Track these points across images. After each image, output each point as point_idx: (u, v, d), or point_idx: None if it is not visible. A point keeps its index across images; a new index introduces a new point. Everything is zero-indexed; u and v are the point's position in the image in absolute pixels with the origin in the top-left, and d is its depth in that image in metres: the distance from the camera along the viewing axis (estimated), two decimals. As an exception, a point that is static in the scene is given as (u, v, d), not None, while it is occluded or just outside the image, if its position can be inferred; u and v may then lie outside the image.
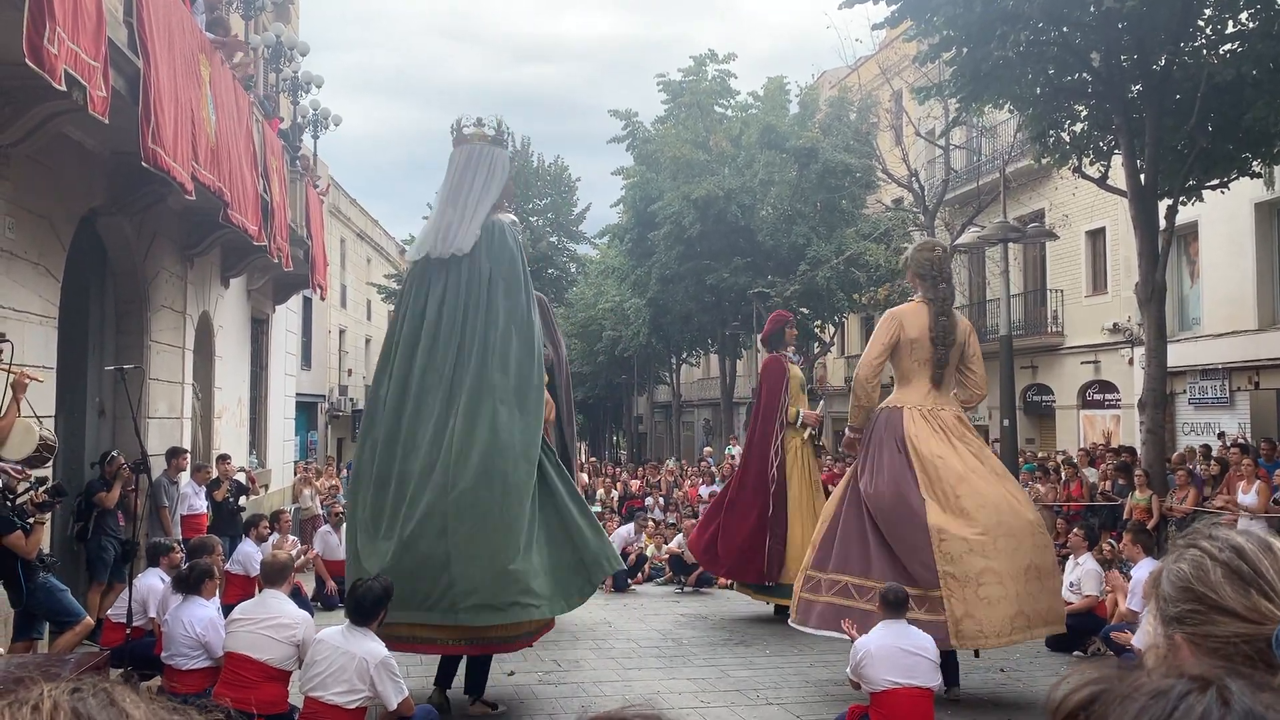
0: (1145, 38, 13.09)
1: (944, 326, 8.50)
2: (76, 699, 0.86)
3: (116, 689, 0.89)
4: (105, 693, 0.88)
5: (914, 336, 8.51)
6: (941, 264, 8.71)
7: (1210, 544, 1.28)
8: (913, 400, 8.53)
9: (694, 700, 8.08)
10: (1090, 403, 22.75)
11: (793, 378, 11.82)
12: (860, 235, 25.59)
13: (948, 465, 8.10)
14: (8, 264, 8.08)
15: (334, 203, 29.38)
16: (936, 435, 8.29)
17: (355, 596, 6.20)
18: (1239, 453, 12.76)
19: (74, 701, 0.86)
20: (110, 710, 0.86)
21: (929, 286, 8.67)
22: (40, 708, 0.84)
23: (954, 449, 8.25)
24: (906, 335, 8.55)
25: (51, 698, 0.85)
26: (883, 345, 8.62)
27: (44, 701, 0.85)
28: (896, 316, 8.73)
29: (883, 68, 25.42)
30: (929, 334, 8.49)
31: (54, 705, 0.85)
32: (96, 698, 0.87)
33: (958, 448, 8.27)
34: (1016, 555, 7.87)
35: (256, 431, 17.04)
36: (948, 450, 8.21)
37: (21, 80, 6.58)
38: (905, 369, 8.65)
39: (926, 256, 8.74)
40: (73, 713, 0.85)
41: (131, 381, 8.70)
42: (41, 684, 0.87)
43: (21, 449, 7.09)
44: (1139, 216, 13.78)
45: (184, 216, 11.79)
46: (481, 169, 8.16)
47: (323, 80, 17.05)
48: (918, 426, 8.33)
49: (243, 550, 10.76)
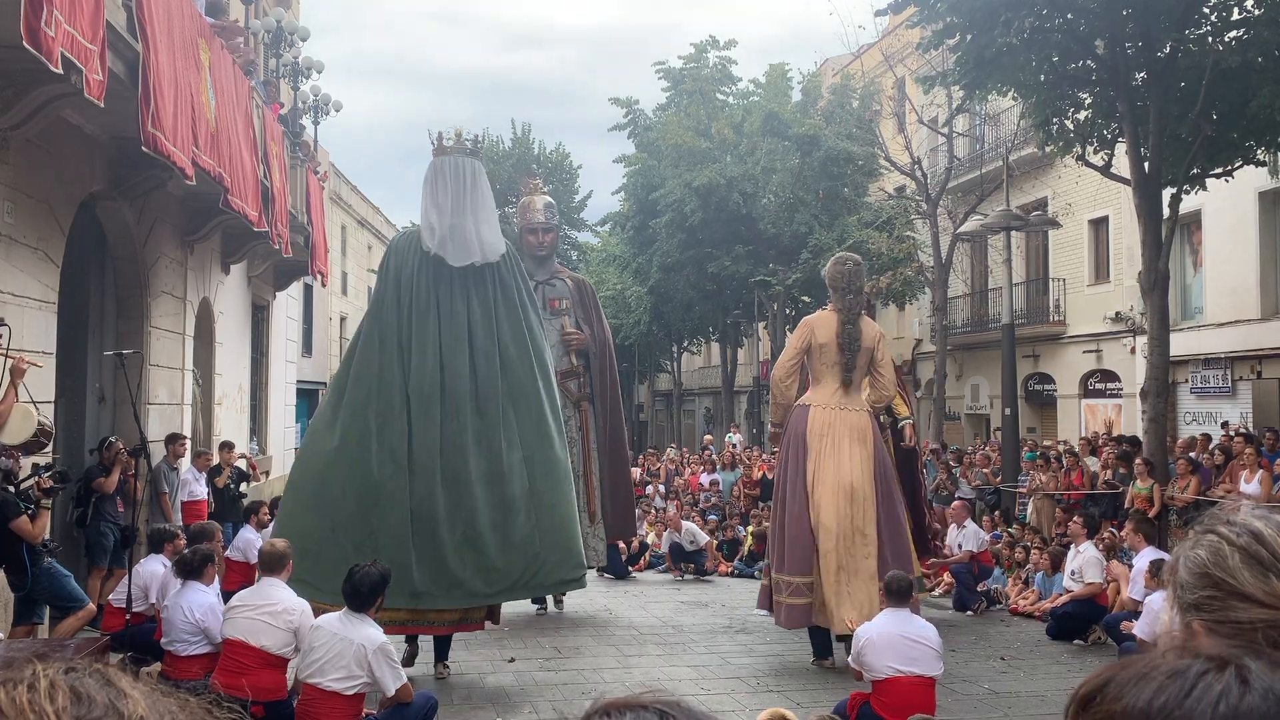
0: (1150, 24, 13.01)
1: (849, 333, 9.24)
2: (74, 678, 0.84)
3: (111, 670, 0.88)
4: (100, 673, 0.86)
5: (823, 341, 9.26)
6: (851, 277, 9.41)
7: (1228, 529, 1.25)
8: (821, 399, 9.28)
9: (694, 688, 8.08)
10: (1092, 392, 22.72)
11: None
12: (863, 223, 25.52)
13: (827, 462, 8.96)
14: (7, 249, 8.05)
15: (334, 189, 29.33)
16: (830, 434, 9.06)
17: (352, 582, 6.19)
18: (1242, 442, 12.74)
19: (70, 680, 0.84)
20: (108, 689, 0.84)
21: (839, 297, 9.40)
22: (36, 686, 0.82)
23: (842, 448, 9.01)
24: (817, 340, 9.29)
25: (48, 677, 0.83)
26: (795, 349, 9.41)
27: (40, 680, 0.82)
28: (809, 324, 9.55)
29: (886, 55, 25.30)
30: (836, 339, 9.23)
31: (51, 684, 0.82)
32: (94, 677, 0.85)
33: (847, 448, 9.01)
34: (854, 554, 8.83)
35: (257, 418, 17.03)
36: (837, 449, 9.01)
37: (20, 63, 6.54)
38: (817, 371, 9.41)
39: (839, 270, 9.47)
40: (70, 691, 0.82)
41: (131, 367, 8.68)
42: (36, 664, 0.85)
43: (19, 434, 7.08)
44: (1142, 205, 13.72)
45: (184, 202, 11.75)
46: (481, 179, 8.72)
47: (323, 65, 17.00)
48: (818, 423, 9.12)
49: (243, 537, 10.75)
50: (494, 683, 8.20)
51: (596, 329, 11.79)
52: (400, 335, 8.27)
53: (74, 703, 0.82)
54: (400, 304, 8.36)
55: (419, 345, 8.20)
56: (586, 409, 11.56)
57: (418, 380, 8.11)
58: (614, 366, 12.18)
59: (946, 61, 15.19)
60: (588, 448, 11.44)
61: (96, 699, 0.82)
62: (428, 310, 8.29)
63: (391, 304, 8.41)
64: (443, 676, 8.19)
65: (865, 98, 26.42)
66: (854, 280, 9.43)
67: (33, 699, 0.81)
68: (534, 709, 7.42)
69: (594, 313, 11.98)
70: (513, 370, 8.32)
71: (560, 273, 12.22)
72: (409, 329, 8.28)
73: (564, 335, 11.45)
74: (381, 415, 8.08)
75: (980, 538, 12.51)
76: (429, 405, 8.09)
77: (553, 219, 12.19)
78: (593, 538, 11.21)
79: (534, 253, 11.63)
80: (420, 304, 8.30)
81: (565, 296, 11.74)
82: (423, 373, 8.14)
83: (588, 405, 11.57)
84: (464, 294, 8.36)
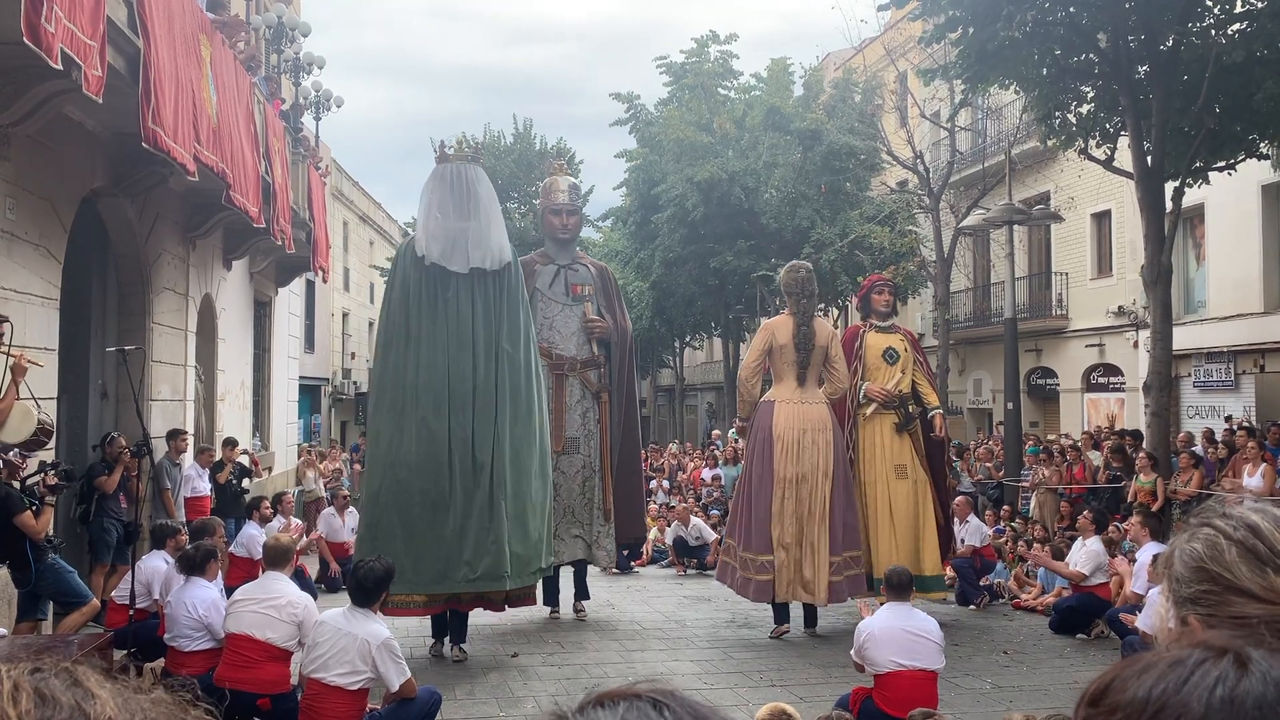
0: (1153, 18, 12.98)
1: (804, 334, 10.12)
2: (38, 679, 0.81)
3: (79, 669, 0.85)
4: (68, 672, 0.84)
5: (783, 343, 10.13)
6: (804, 284, 10.28)
7: (1224, 523, 1.25)
8: (783, 395, 10.22)
9: (697, 682, 8.08)
10: (1094, 386, 22.71)
11: (869, 347, 10.92)
12: (865, 218, 25.45)
13: (790, 451, 9.95)
14: (9, 245, 8.06)
15: (336, 185, 29.32)
16: (794, 426, 10.05)
17: (357, 578, 6.21)
18: (1245, 435, 12.72)
19: (35, 681, 0.81)
20: (75, 690, 0.82)
21: (794, 302, 10.31)
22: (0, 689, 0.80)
23: (804, 439, 9.98)
24: (777, 342, 10.16)
25: (11, 678, 0.81)
26: (758, 351, 10.36)
27: (3, 682, 0.80)
28: (770, 327, 10.45)
29: (888, 49, 25.23)
30: (793, 340, 10.13)
31: (14, 685, 0.80)
32: (59, 678, 0.82)
33: (810, 438, 9.98)
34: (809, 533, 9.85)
35: (260, 414, 17.05)
36: (799, 440, 9.99)
37: (20, 60, 6.54)
38: (778, 369, 10.29)
39: (793, 277, 10.33)
40: (35, 693, 0.80)
41: (133, 363, 8.70)
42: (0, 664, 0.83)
43: (19, 433, 7.09)
44: (1145, 199, 13.70)
45: (185, 198, 11.76)
46: (484, 184, 9.11)
47: (324, 61, 16.99)
48: (783, 417, 10.09)
49: (246, 533, 10.76)
50: (497, 678, 8.21)
51: (618, 317, 11.20)
52: (409, 336, 8.78)
53: (38, 704, 0.79)
54: (408, 308, 8.84)
55: (429, 345, 8.71)
56: (606, 400, 10.91)
57: (428, 378, 8.65)
58: (632, 358, 11.65)
59: (949, 55, 15.16)
60: (605, 442, 10.81)
61: (62, 700, 0.80)
62: (435, 310, 8.77)
63: (399, 308, 8.91)
64: (460, 659, 8.65)
65: (867, 92, 26.34)
66: (806, 286, 10.29)
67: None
68: (537, 703, 7.42)
69: (616, 301, 11.41)
70: (509, 369, 8.82)
71: (582, 258, 11.62)
72: (417, 330, 8.78)
73: (586, 322, 10.82)
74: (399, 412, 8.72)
75: (983, 533, 12.49)
76: (438, 402, 8.62)
77: (577, 200, 11.67)
78: (605, 537, 10.69)
79: (557, 235, 11.15)
80: (429, 305, 8.80)
81: (588, 282, 11.11)
82: (433, 371, 8.67)
83: (607, 396, 10.94)
84: (469, 295, 8.79)
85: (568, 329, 10.78)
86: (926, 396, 10.89)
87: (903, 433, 10.64)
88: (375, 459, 8.88)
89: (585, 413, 10.73)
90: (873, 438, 10.64)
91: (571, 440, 10.61)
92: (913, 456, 10.67)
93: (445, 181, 8.94)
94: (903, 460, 10.59)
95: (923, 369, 11.17)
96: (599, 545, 10.68)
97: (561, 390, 10.63)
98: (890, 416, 10.64)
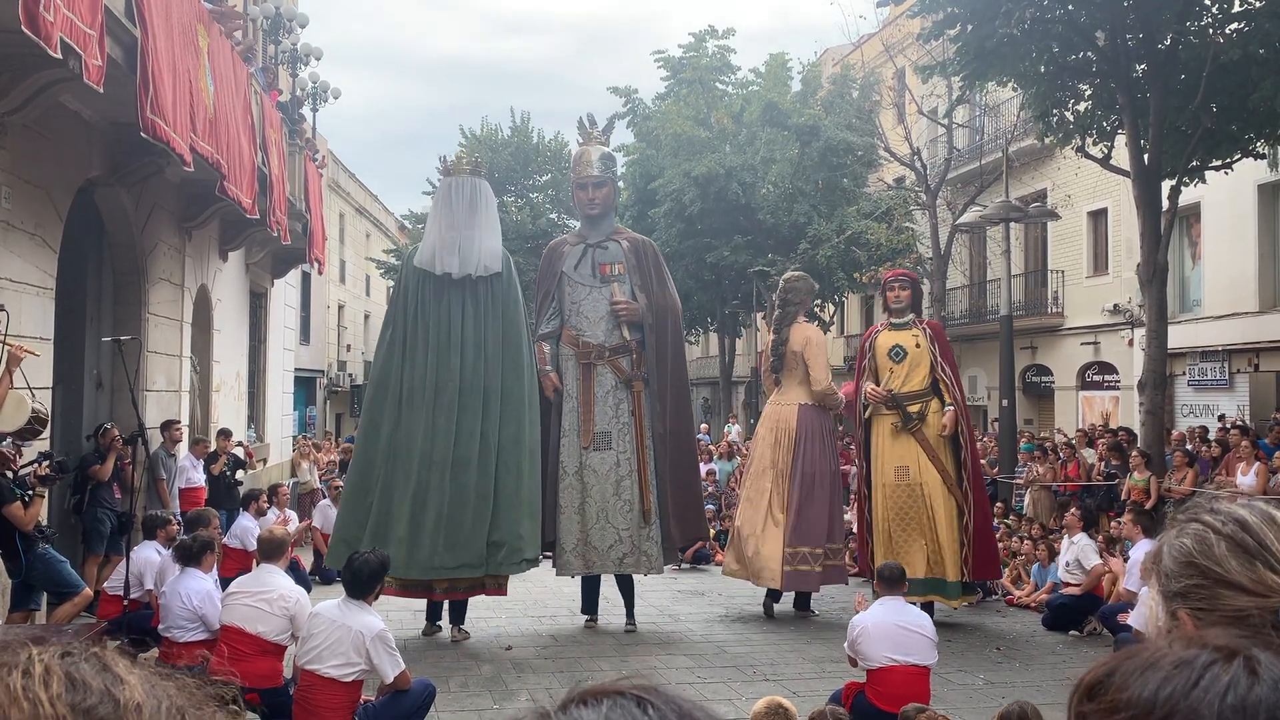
0: (1151, 16, 12.98)
1: (776, 341, 11.13)
2: (69, 663, 0.82)
3: (108, 654, 0.85)
4: (97, 657, 0.84)
5: (763, 348, 11.92)
6: (784, 293, 11.16)
7: (1213, 518, 1.25)
8: (771, 397, 11.35)
9: (690, 676, 8.10)
10: (1089, 384, 22.74)
11: (877, 347, 10.57)
12: (861, 214, 25.47)
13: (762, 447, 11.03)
14: (4, 234, 8.04)
15: (333, 177, 29.26)
16: (768, 424, 11.08)
17: (351, 569, 6.21)
18: (1239, 434, 12.75)
19: (66, 666, 0.81)
20: (105, 675, 0.82)
21: (773, 309, 11.37)
22: (31, 672, 0.79)
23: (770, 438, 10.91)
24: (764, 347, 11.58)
25: (43, 662, 0.81)
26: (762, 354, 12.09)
27: (34, 666, 0.80)
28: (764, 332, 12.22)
29: (886, 45, 25.23)
30: (770, 345, 11.24)
31: (46, 669, 0.80)
32: (89, 662, 0.83)
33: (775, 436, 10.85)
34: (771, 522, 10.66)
35: (255, 406, 17.02)
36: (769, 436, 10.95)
37: (18, 48, 6.51)
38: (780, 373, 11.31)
39: (782, 286, 11.31)
40: (66, 677, 0.80)
41: (129, 353, 8.68)
42: (30, 648, 0.82)
43: (13, 422, 7.08)
44: (1141, 197, 13.71)
45: (182, 189, 11.73)
46: (481, 195, 9.63)
47: (321, 52, 16.95)
48: (764, 416, 11.40)
49: (240, 525, 10.74)
50: (491, 671, 8.22)
51: (656, 295, 10.20)
52: (405, 338, 9.45)
53: (69, 689, 0.80)
54: (405, 312, 9.52)
55: (420, 345, 9.36)
56: (640, 390, 10.00)
57: (419, 376, 9.34)
58: (678, 337, 10.63)
59: (947, 52, 15.15)
60: (640, 436, 9.90)
61: (92, 685, 0.81)
62: (428, 315, 9.40)
63: (398, 311, 9.65)
64: (461, 639, 9.20)
65: (865, 88, 26.33)
66: (786, 295, 11.11)
67: (27, 685, 0.79)
68: (531, 696, 7.44)
69: (653, 277, 10.33)
70: (499, 370, 9.36)
71: (619, 234, 10.62)
72: (412, 332, 9.41)
73: (613, 304, 10.02)
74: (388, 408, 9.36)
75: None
76: (426, 398, 9.25)
77: (608, 171, 10.66)
78: (645, 540, 9.78)
79: (585, 210, 10.47)
80: (424, 310, 9.43)
81: (618, 260, 10.21)
82: (423, 370, 9.29)
83: (641, 386, 10.02)
84: (460, 300, 9.41)
85: (595, 313, 10.08)
86: (944, 393, 10.31)
87: (904, 433, 10.22)
88: (363, 448, 9.59)
89: (617, 404, 9.94)
90: (878, 439, 10.42)
91: (602, 435, 9.85)
92: (919, 458, 10.15)
93: (444, 194, 9.74)
94: (905, 462, 10.19)
95: (945, 362, 10.46)
96: (639, 550, 9.76)
97: (590, 380, 9.94)
98: (889, 417, 10.31)
